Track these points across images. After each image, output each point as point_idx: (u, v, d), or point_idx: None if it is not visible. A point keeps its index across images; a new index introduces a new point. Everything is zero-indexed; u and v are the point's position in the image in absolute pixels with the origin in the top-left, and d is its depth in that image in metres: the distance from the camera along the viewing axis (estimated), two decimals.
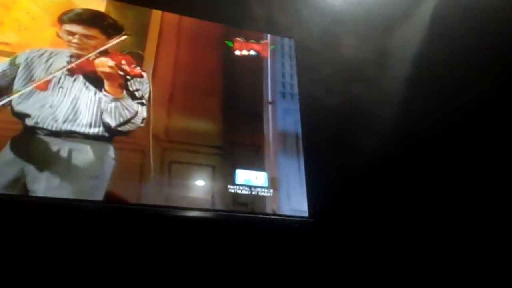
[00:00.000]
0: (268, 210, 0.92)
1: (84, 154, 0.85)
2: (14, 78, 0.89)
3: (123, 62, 0.96)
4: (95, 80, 0.94)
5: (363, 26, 1.62)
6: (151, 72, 0.99)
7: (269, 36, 1.16)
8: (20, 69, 0.90)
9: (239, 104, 1.04)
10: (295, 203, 0.95)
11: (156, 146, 0.92)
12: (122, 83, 0.95)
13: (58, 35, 0.97)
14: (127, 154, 0.89)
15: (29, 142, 0.83)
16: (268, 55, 1.12)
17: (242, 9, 1.33)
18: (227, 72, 1.06)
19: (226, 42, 1.09)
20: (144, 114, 0.94)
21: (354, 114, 1.35)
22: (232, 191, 0.92)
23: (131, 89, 0.95)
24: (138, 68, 0.97)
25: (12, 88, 0.87)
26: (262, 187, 0.94)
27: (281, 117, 1.05)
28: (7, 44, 0.95)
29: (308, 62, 1.26)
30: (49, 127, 0.85)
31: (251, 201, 0.92)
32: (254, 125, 1.02)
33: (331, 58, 1.45)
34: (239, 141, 0.99)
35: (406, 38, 1.65)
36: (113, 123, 0.90)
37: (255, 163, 0.97)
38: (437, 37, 1.65)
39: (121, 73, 0.95)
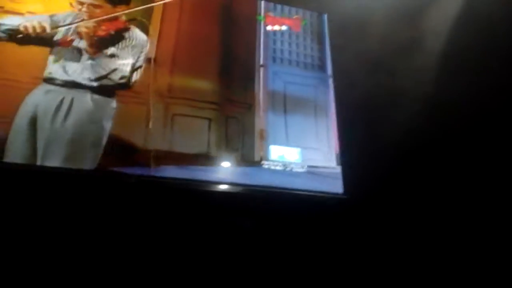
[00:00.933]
0: (256, 157, 1.07)
1: (85, 103, 1.00)
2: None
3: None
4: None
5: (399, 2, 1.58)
6: (156, 38, 1.13)
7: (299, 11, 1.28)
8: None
9: (235, 67, 1.17)
10: (282, 151, 1.09)
11: (160, 101, 1.07)
12: (97, 43, 1.09)
13: (71, 5, 1.11)
14: (131, 106, 1.04)
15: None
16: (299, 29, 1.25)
17: None
18: (224, 37, 1.19)
19: (258, 17, 1.23)
20: (126, 72, 1.07)
21: (389, 91, 1.35)
22: (224, 140, 1.06)
23: (114, 48, 1.09)
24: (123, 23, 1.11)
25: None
26: (251, 135, 1.08)
27: (271, 79, 1.19)
28: (32, 13, 1.10)
29: (340, 39, 1.29)
30: (60, 78, 1.01)
31: (241, 147, 1.07)
32: (247, 85, 1.16)
33: (365, 34, 1.44)
34: (233, 99, 1.13)
35: (443, 13, 1.61)
36: (92, 77, 1.04)
37: (246, 118, 1.11)
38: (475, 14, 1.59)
39: (102, 32, 1.09)
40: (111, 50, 1.08)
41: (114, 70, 1.06)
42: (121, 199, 0.98)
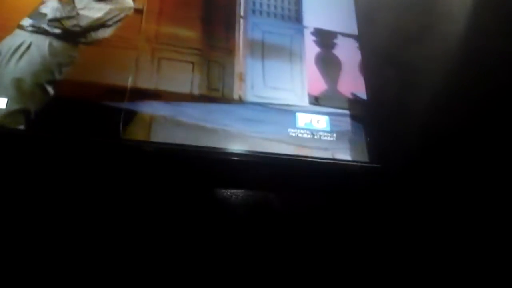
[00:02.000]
0: (235, 96, 1.18)
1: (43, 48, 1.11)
2: None
3: None
4: None
5: None
6: None
7: None
8: None
9: (216, 16, 1.28)
10: (258, 91, 1.20)
11: (148, 46, 1.18)
12: None
13: None
14: (119, 51, 1.15)
15: None
16: None
17: None
18: None
19: None
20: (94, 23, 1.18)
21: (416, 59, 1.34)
22: (206, 81, 1.18)
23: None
24: None
25: None
26: (230, 77, 1.19)
27: (251, 29, 1.29)
28: None
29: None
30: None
31: (222, 87, 1.18)
32: (228, 33, 1.27)
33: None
34: (215, 45, 1.24)
35: None
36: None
37: (227, 62, 1.22)
38: None
39: None
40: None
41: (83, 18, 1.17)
42: (138, 168, 1.02)
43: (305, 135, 1.15)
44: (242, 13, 1.31)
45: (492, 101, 1.32)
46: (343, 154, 1.13)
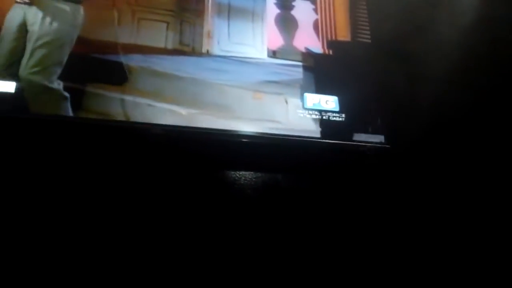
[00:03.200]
0: (204, 50, 1.39)
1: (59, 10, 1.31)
2: None
3: None
4: None
5: None
6: None
7: None
8: None
9: None
10: (224, 46, 1.40)
11: (128, 8, 1.38)
12: None
13: None
14: (100, 11, 1.35)
15: None
16: None
17: None
18: None
19: None
20: None
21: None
22: (178, 38, 1.38)
23: None
24: None
25: None
26: (200, 34, 1.40)
27: None
28: None
29: None
30: None
31: (192, 43, 1.38)
32: None
33: None
34: (187, 7, 1.44)
35: None
36: None
37: (197, 21, 1.43)
38: None
39: None
40: None
41: None
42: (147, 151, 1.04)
43: (313, 116, 1.25)
44: None
45: (497, 90, 1.33)
46: (294, 98, 1.34)
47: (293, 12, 1.51)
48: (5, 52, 1.20)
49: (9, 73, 1.17)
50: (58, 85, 1.19)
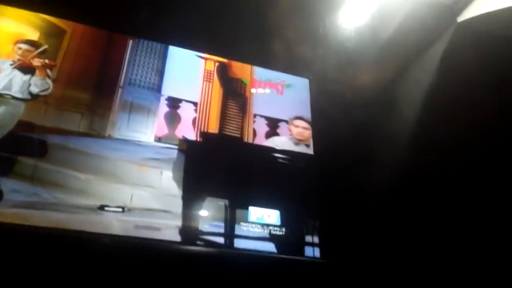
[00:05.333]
0: (107, 134, 1.95)
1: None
2: None
3: (46, 61, 1.99)
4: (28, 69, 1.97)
5: (375, 65, 1.74)
6: (59, 66, 2.03)
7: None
8: None
9: (104, 85, 2.08)
10: (123, 132, 1.98)
11: (56, 102, 1.95)
12: (46, 71, 1.97)
13: (13, 49, 1.99)
14: (36, 105, 1.91)
15: None
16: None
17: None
18: (98, 68, 2.10)
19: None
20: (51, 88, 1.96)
21: (364, 154, 1.50)
22: (89, 124, 1.95)
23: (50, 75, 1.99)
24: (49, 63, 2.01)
25: None
26: (106, 123, 1.97)
27: (125, 95, 2.09)
28: None
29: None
30: None
31: (98, 128, 1.94)
32: (110, 96, 2.06)
33: (343, 96, 1.66)
34: (100, 103, 2.03)
35: (417, 78, 1.75)
36: (36, 90, 1.92)
37: (105, 113, 2.00)
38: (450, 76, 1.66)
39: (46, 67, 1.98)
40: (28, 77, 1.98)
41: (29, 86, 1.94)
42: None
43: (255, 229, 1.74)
44: (121, 84, 2.11)
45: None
46: (168, 171, 1.92)
47: (178, 111, 2.14)
48: None
49: None
50: None
